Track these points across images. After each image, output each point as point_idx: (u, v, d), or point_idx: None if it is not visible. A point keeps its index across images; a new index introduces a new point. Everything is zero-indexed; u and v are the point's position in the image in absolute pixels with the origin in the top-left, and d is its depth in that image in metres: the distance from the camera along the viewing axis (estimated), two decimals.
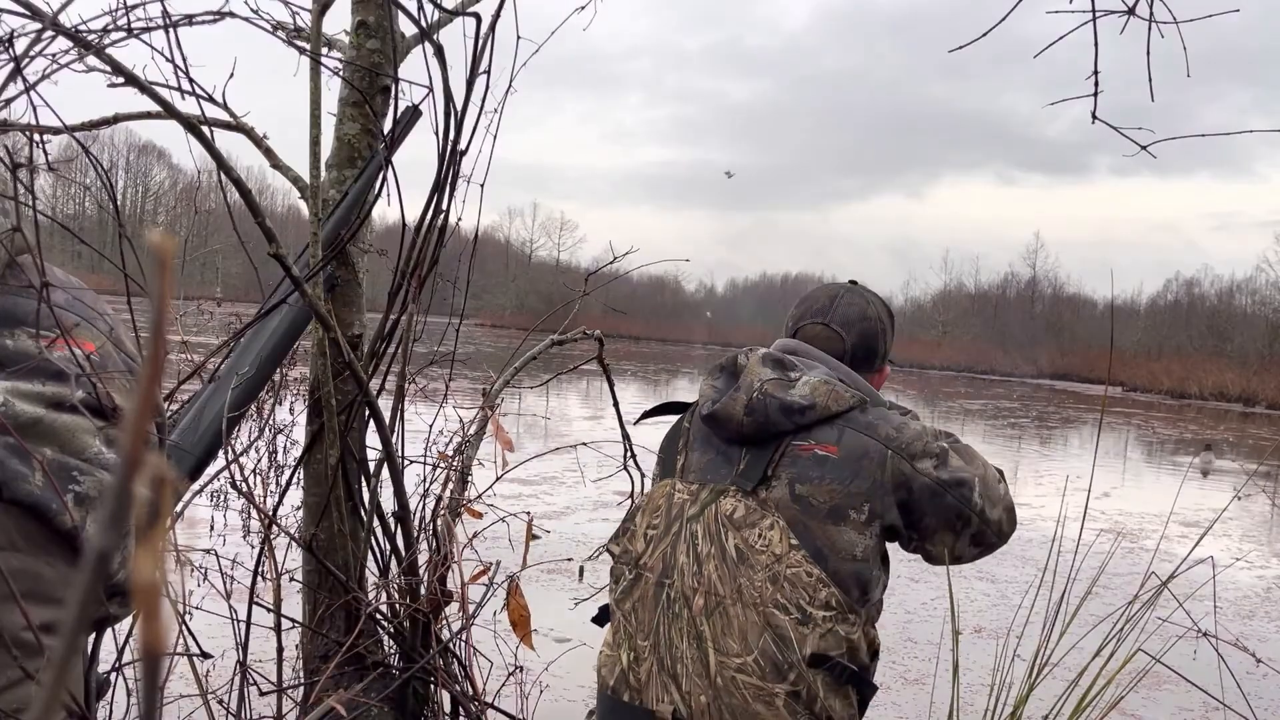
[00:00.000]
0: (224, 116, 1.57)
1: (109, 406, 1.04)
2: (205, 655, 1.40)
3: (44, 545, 0.95)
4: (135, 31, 1.36)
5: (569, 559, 2.16)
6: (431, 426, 1.98)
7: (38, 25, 1.25)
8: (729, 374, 1.63)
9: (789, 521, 1.47)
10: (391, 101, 1.84)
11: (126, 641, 1.47)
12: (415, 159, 1.94)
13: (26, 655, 0.92)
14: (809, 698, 1.44)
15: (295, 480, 2.00)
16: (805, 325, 1.69)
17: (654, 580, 1.54)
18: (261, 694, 1.61)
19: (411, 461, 1.87)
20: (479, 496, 1.88)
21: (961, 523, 1.55)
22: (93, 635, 1.24)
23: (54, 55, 1.29)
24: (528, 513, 1.79)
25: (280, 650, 1.64)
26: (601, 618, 1.73)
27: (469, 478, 1.98)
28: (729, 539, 1.48)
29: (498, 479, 1.84)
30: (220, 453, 1.52)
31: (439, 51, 1.68)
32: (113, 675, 1.37)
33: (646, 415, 1.83)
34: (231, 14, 1.51)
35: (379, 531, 1.80)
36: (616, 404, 2.25)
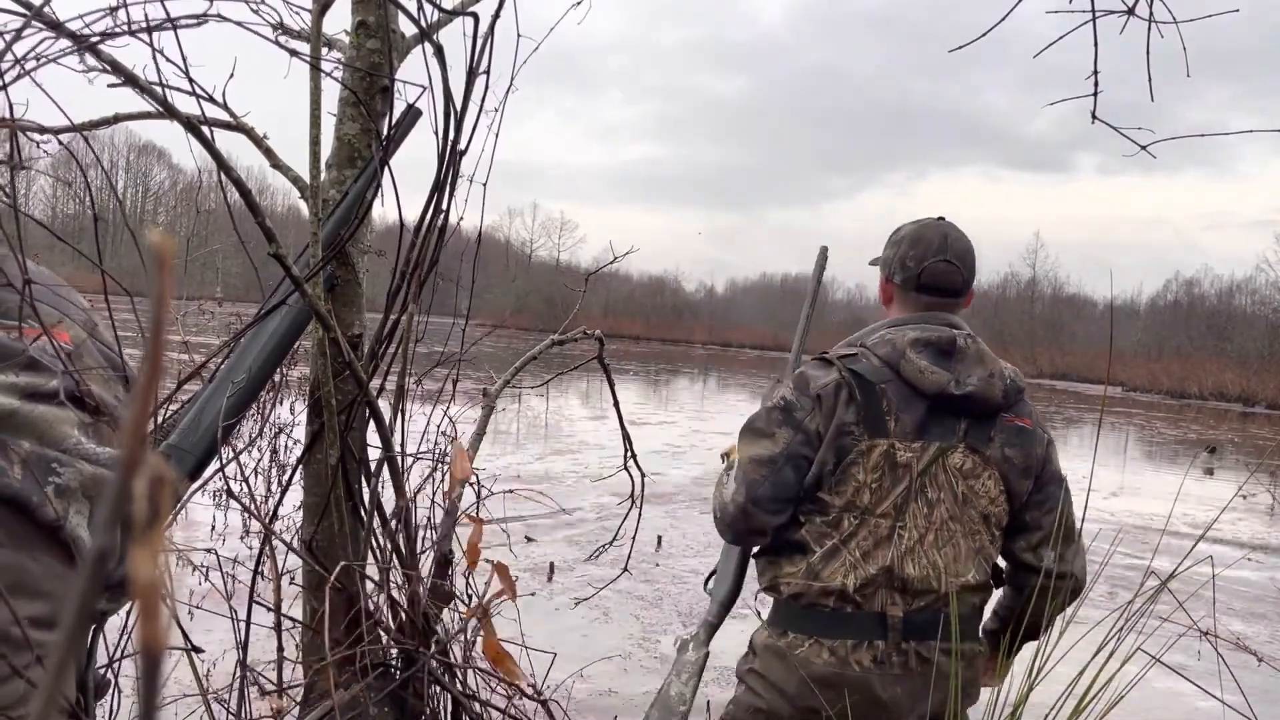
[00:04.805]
0: (224, 116, 1.57)
1: (85, 396, 1.03)
2: (197, 650, 1.39)
3: (27, 539, 0.93)
4: (134, 30, 1.36)
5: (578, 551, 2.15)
6: (430, 425, 1.98)
7: (36, 25, 1.24)
8: (940, 352, 1.84)
9: (1001, 475, 1.86)
10: (391, 101, 1.84)
11: (124, 640, 1.47)
12: (416, 159, 1.94)
13: (14, 651, 0.91)
14: (989, 591, 1.93)
15: (296, 480, 2.00)
16: (930, 264, 1.90)
17: (887, 525, 1.83)
18: (262, 694, 1.61)
19: (415, 458, 1.87)
20: (476, 493, 1.88)
21: (1061, 515, 1.88)
22: (89, 634, 1.23)
23: (44, 50, 1.29)
24: (523, 519, 1.79)
25: (280, 650, 1.64)
26: (736, 587, 2.12)
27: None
28: (959, 486, 1.84)
29: (476, 485, 1.84)
30: (220, 453, 1.52)
31: (439, 51, 1.67)
32: (110, 674, 1.36)
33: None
34: (239, 22, 1.50)
35: (379, 532, 1.80)
36: (617, 404, 2.25)
